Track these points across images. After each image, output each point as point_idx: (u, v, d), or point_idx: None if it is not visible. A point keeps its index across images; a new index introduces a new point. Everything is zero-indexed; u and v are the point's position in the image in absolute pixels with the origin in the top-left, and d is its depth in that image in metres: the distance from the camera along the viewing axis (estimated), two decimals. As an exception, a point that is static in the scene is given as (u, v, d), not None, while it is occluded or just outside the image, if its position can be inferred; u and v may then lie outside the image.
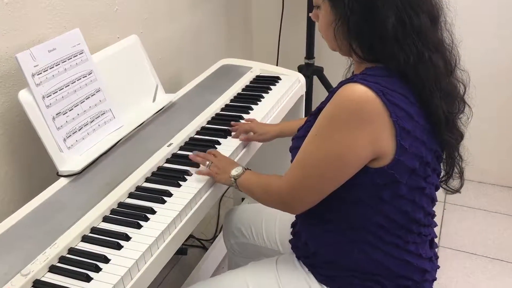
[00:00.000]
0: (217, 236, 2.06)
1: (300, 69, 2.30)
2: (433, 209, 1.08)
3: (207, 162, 1.21)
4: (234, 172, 1.17)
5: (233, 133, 1.40)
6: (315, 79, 2.31)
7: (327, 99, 0.99)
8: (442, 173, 1.07)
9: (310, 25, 2.19)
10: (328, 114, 0.95)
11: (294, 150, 1.07)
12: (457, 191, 1.09)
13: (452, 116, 1.00)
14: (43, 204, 1.12)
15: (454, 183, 1.09)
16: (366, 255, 1.03)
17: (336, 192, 0.99)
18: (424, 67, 0.94)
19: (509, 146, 2.39)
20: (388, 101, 0.90)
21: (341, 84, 0.95)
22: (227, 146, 1.35)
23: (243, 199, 2.24)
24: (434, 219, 1.12)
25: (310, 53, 2.27)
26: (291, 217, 1.24)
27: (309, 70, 2.28)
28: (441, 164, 1.06)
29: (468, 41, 1.22)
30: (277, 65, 2.41)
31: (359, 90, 0.90)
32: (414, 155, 0.95)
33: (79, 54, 1.28)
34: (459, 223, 2.23)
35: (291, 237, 1.22)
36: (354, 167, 0.95)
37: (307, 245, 1.12)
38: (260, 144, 1.48)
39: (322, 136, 0.95)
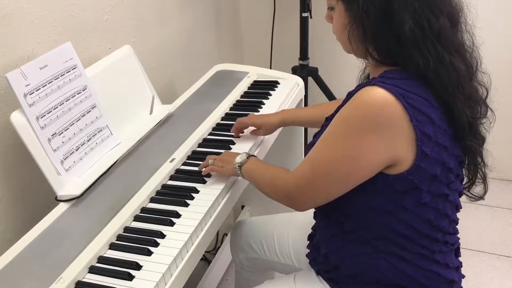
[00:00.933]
0: (219, 247, 2.00)
1: (295, 70, 2.24)
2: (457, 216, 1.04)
3: (210, 161, 1.19)
4: (239, 159, 1.14)
5: (233, 129, 1.37)
6: (310, 80, 2.25)
7: (344, 102, 0.95)
8: (465, 180, 1.03)
9: (304, 25, 2.14)
10: (344, 116, 0.92)
11: (309, 150, 1.02)
12: (481, 197, 1.04)
13: (475, 121, 0.95)
14: (43, 234, 1.04)
15: (477, 189, 1.04)
16: (391, 266, 0.98)
17: (357, 199, 0.96)
18: (445, 71, 0.90)
19: None
20: (408, 105, 0.86)
21: (360, 87, 0.91)
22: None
23: (243, 206, 2.18)
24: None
25: (304, 54, 2.21)
26: (306, 230, 1.19)
27: (304, 71, 2.22)
28: (464, 170, 1.02)
29: (490, 42, 1.17)
30: (270, 67, 2.36)
31: (378, 94, 0.86)
32: (435, 161, 0.91)
33: (72, 69, 1.21)
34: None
35: (307, 251, 1.17)
36: (365, 171, 0.91)
37: (328, 258, 1.07)
38: (271, 143, 1.45)
39: (335, 136, 0.93)
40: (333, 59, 2.42)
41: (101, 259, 0.98)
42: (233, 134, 1.39)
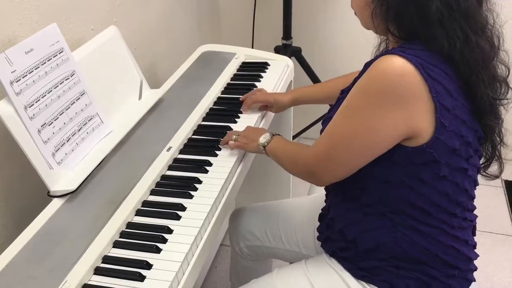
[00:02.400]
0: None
1: (277, 50, 2.18)
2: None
3: (234, 136, 1.18)
4: (263, 139, 1.13)
5: (244, 107, 1.37)
6: (293, 60, 2.20)
7: (362, 73, 0.92)
8: (482, 160, 1.01)
9: (287, 3, 2.07)
10: (362, 86, 0.89)
11: (325, 124, 1.01)
12: (497, 177, 1.03)
13: (495, 101, 0.93)
14: (39, 234, 0.96)
15: (492, 168, 1.03)
16: (409, 240, 0.96)
17: (374, 172, 0.94)
18: (471, 51, 0.87)
19: None
20: (428, 75, 0.84)
21: (378, 57, 0.88)
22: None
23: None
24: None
25: (287, 34, 2.15)
26: (314, 214, 1.17)
27: (287, 52, 2.16)
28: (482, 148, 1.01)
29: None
30: (252, 47, 2.29)
31: (397, 62, 0.83)
32: (454, 134, 0.89)
33: (59, 53, 1.11)
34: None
35: (317, 234, 1.14)
36: (384, 143, 0.89)
37: (344, 234, 1.04)
38: (273, 115, 1.43)
39: (353, 108, 0.90)
40: (316, 39, 2.37)
41: (107, 259, 0.92)
42: (227, 121, 1.32)
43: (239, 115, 1.37)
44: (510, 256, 1.93)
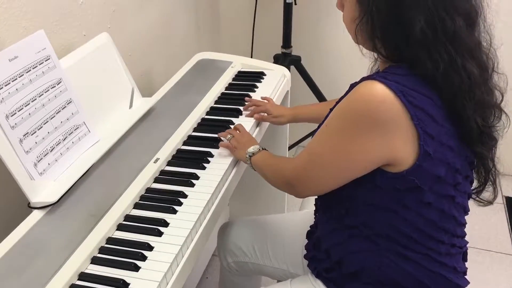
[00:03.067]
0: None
1: (277, 59, 2.16)
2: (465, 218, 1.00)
3: (228, 136, 1.21)
4: (251, 149, 1.14)
5: (246, 112, 1.39)
6: (292, 70, 2.17)
7: (346, 93, 0.91)
8: (475, 184, 0.98)
9: (288, 11, 2.05)
10: (341, 109, 0.89)
11: None
12: (490, 203, 1.00)
13: (486, 128, 0.90)
14: (16, 246, 0.94)
15: (486, 194, 1.00)
16: (395, 265, 0.94)
17: (357, 194, 0.93)
18: (456, 75, 0.84)
19: None
20: (408, 102, 0.81)
21: (362, 79, 0.86)
22: (222, 158, 1.21)
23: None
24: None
25: (287, 42, 2.13)
26: (303, 232, 1.14)
27: (286, 60, 2.14)
28: (474, 173, 0.97)
29: (509, 42, 1.10)
30: (251, 56, 2.26)
31: (376, 89, 0.82)
32: (439, 161, 0.86)
33: (45, 60, 1.09)
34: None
35: (304, 253, 1.12)
36: (358, 168, 0.88)
37: (329, 254, 1.02)
38: (267, 125, 1.44)
39: (330, 129, 0.91)
40: (317, 47, 2.34)
41: (83, 276, 0.89)
42: (220, 131, 1.30)
43: (231, 126, 1.34)
44: (509, 275, 1.88)
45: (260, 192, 1.95)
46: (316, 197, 1.09)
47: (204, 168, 1.17)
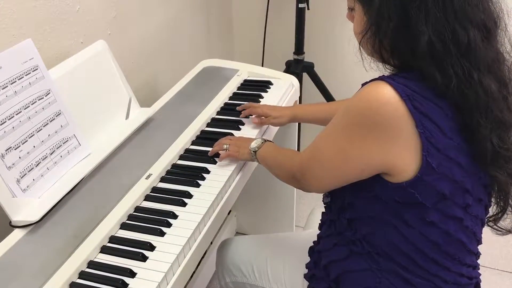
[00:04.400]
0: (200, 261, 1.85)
1: (289, 65, 2.08)
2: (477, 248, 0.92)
3: (224, 146, 1.16)
4: (254, 144, 1.12)
5: (248, 125, 1.34)
6: (305, 76, 2.09)
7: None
8: (493, 211, 0.90)
9: (300, 17, 1.96)
10: (346, 108, 0.85)
11: None
12: (509, 231, 0.91)
13: (503, 149, 0.81)
14: (-8, 269, 0.89)
15: (505, 222, 0.91)
16: None
17: (357, 204, 0.90)
18: (472, 91, 0.77)
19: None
20: (414, 108, 0.76)
21: (372, 80, 0.82)
22: (218, 175, 1.14)
23: (229, 211, 2.03)
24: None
25: (299, 48, 2.05)
26: (304, 253, 1.08)
27: (298, 67, 2.06)
28: (489, 197, 0.89)
29: None
30: (262, 62, 2.19)
31: (381, 90, 0.77)
32: (445, 177, 0.79)
33: (33, 71, 1.04)
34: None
35: (305, 272, 1.06)
36: (356, 170, 0.85)
37: (328, 271, 0.97)
38: (275, 132, 1.40)
39: (334, 126, 0.88)
40: (330, 54, 2.25)
41: (59, 304, 0.83)
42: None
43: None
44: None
45: (268, 205, 1.88)
46: (324, 211, 1.04)
47: (198, 185, 1.10)
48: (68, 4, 1.25)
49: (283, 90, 1.52)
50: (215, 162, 1.18)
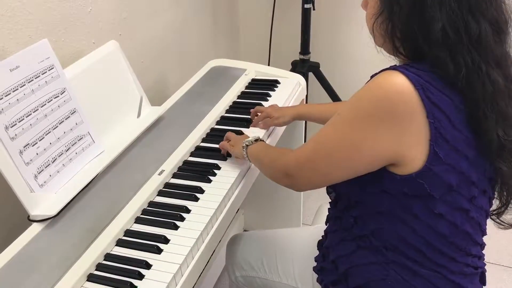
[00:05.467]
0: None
1: (295, 65, 2.11)
2: (483, 239, 0.94)
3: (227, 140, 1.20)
4: (247, 140, 1.13)
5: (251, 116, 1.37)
6: (311, 76, 2.12)
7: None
8: (496, 205, 0.92)
9: (306, 17, 1.99)
10: (356, 97, 0.84)
11: None
12: (511, 226, 0.93)
13: (508, 142, 0.83)
14: (13, 261, 0.92)
15: (507, 216, 0.93)
16: (403, 281, 0.89)
17: (365, 200, 0.89)
18: (479, 82, 0.79)
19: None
20: (427, 98, 0.77)
21: (382, 70, 0.82)
22: (228, 171, 1.16)
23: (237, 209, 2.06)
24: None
25: (305, 48, 2.08)
26: (313, 247, 1.10)
27: (304, 67, 2.09)
28: (494, 190, 0.91)
29: None
30: (269, 62, 2.22)
31: (396, 79, 0.78)
32: (452, 168, 0.81)
33: (49, 70, 1.07)
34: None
35: (314, 265, 1.07)
36: (366, 161, 0.84)
37: (336, 265, 0.98)
38: (281, 133, 1.41)
39: (342, 118, 0.86)
40: (335, 54, 2.28)
41: (77, 295, 0.86)
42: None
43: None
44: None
45: (276, 203, 1.90)
46: (329, 207, 1.05)
47: (209, 181, 1.13)
48: (80, 5, 1.28)
49: (290, 89, 1.55)
50: (225, 159, 1.21)
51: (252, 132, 1.32)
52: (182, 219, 1.01)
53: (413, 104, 0.77)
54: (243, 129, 1.33)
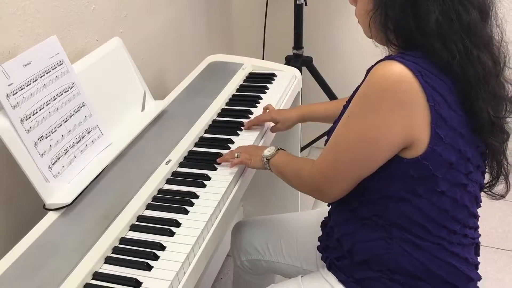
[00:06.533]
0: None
1: (288, 60, 2.16)
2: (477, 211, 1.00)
3: (236, 154, 1.15)
4: (267, 152, 1.12)
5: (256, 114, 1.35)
6: (304, 70, 2.18)
7: (364, 80, 0.91)
8: (487, 178, 0.98)
9: (298, 13, 2.05)
10: (361, 94, 0.88)
11: (330, 135, 1.00)
12: (503, 196, 1.00)
13: (498, 120, 0.90)
14: (32, 248, 0.96)
15: (498, 188, 0.99)
16: (405, 253, 0.94)
17: (373, 186, 0.93)
18: (471, 66, 0.85)
19: None
20: (426, 83, 0.83)
21: (379, 61, 0.87)
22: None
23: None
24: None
25: (298, 43, 2.13)
26: (316, 228, 1.15)
27: (298, 61, 2.14)
28: (486, 165, 0.97)
29: None
30: (263, 57, 2.27)
31: (396, 69, 0.83)
32: (451, 147, 0.87)
33: (58, 65, 1.11)
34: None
35: (316, 249, 1.13)
36: (386, 152, 0.88)
37: (341, 243, 1.03)
38: (273, 136, 1.41)
39: (354, 117, 0.90)
40: (328, 48, 2.34)
41: (97, 275, 0.91)
42: (231, 133, 1.31)
43: (242, 127, 1.35)
44: (526, 275, 1.86)
45: (273, 191, 1.95)
46: None
47: (215, 169, 1.18)
48: (84, 4, 1.33)
49: (287, 82, 1.60)
50: (229, 148, 1.26)
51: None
52: (191, 204, 1.06)
53: (415, 90, 0.83)
54: (244, 120, 1.37)
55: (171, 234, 0.98)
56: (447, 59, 0.84)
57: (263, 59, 2.25)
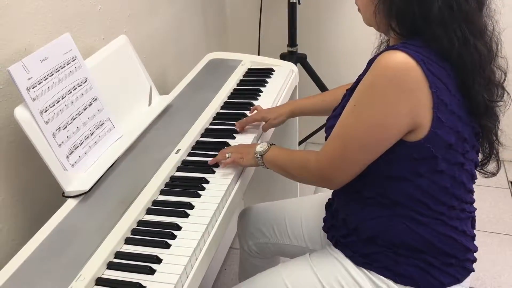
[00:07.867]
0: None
1: (283, 57, 2.23)
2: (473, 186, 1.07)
3: (227, 154, 1.17)
4: (259, 148, 1.14)
5: (238, 125, 1.34)
6: (299, 67, 2.25)
7: (365, 71, 0.96)
8: (480, 158, 1.05)
9: (292, 11, 2.12)
10: (368, 83, 0.92)
11: (329, 129, 1.04)
12: (494, 174, 1.07)
13: (491, 103, 0.97)
14: (54, 232, 1.01)
15: (490, 166, 1.07)
16: (408, 229, 1.00)
17: (374, 168, 0.98)
18: (468, 53, 0.92)
19: None
20: (428, 71, 0.88)
21: (381, 52, 0.92)
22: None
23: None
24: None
25: (292, 41, 2.20)
26: (320, 209, 1.21)
27: (292, 58, 2.21)
28: (479, 144, 1.04)
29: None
30: (258, 55, 2.34)
31: (400, 58, 0.88)
32: (450, 129, 0.93)
33: (72, 61, 1.17)
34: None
35: (322, 229, 1.19)
36: (393, 137, 0.93)
37: (346, 222, 1.09)
38: (271, 133, 1.45)
39: (362, 106, 0.93)
40: (321, 45, 2.42)
41: (119, 255, 0.96)
42: (233, 124, 1.37)
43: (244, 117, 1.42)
44: (517, 256, 1.94)
45: (273, 180, 2.00)
46: None
47: (223, 156, 1.24)
48: (91, 4, 1.38)
49: (284, 76, 1.67)
50: (234, 138, 1.32)
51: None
52: (202, 188, 1.12)
53: (419, 78, 0.88)
54: (246, 112, 1.44)
55: (186, 215, 1.04)
56: (447, 46, 0.90)
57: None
